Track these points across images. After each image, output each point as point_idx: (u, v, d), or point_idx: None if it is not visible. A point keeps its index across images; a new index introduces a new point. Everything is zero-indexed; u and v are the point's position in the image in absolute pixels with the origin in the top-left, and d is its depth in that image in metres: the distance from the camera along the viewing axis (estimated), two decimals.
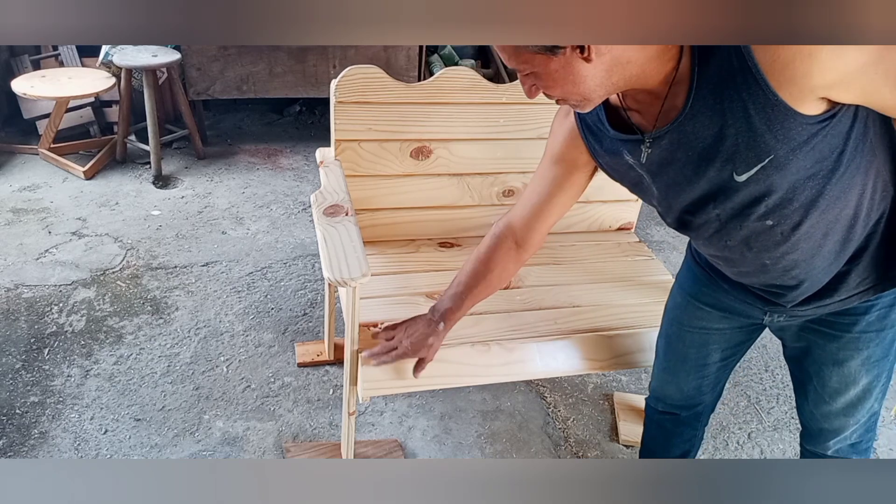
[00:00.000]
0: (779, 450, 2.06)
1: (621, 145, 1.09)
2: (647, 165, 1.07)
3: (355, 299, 1.41)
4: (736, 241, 1.09)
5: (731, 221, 1.06)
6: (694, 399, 1.49)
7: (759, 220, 1.03)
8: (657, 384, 1.53)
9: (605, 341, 1.64)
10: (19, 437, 1.87)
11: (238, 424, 1.97)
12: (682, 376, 1.45)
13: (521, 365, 1.59)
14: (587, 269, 1.92)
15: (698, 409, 1.53)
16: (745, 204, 1.01)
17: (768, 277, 1.13)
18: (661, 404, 1.55)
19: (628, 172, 1.14)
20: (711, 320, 1.34)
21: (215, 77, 3.43)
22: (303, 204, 3.16)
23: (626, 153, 1.10)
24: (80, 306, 2.38)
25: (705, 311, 1.33)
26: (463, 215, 2.00)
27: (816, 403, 1.29)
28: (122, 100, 3.31)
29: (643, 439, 1.68)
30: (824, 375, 1.24)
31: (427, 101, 1.85)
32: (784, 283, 1.13)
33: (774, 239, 1.05)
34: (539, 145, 1.98)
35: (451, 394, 2.12)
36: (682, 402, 1.51)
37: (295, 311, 2.44)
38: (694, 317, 1.36)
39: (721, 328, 1.34)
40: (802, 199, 0.98)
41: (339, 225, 1.48)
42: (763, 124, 0.90)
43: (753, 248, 1.08)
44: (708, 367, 1.41)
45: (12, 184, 3.15)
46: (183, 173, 3.38)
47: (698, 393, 1.47)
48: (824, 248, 1.06)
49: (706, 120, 0.95)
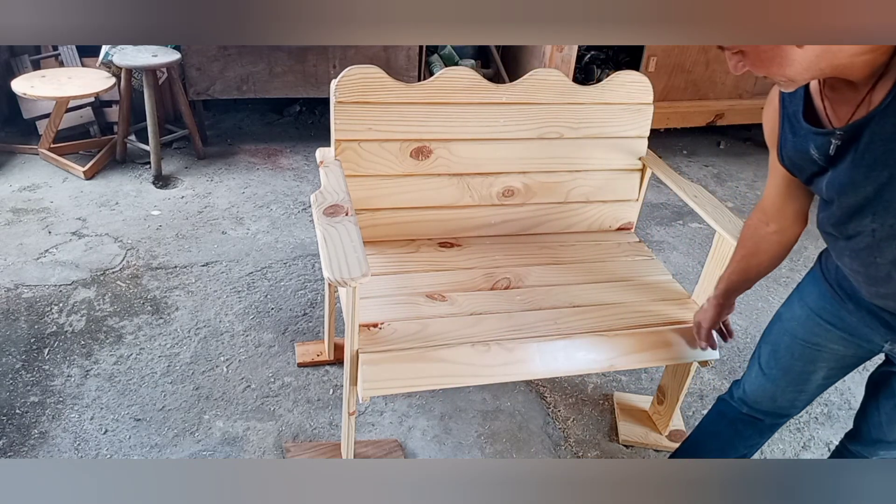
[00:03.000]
0: (779, 450, 2.06)
1: (811, 139, 1.08)
2: (828, 161, 1.06)
3: (355, 299, 1.41)
4: (886, 260, 1.06)
5: (886, 239, 1.04)
6: (785, 410, 1.46)
7: None
8: (751, 388, 1.49)
9: (605, 341, 1.64)
10: (19, 437, 1.87)
11: (238, 424, 1.97)
12: (780, 386, 1.42)
13: (521, 365, 1.59)
14: (587, 269, 1.92)
15: (781, 420, 1.51)
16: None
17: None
18: (746, 407, 1.51)
19: (808, 167, 1.12)
20: (829, 339, 1.30)
21: (215, 77, 3.43)
22: (303, 204, 3.16)
23: (812, 147, 1.08)
24: (80, 306, 2.38)
25: (825, 329, 1.30)
26: (463, 215, 2.00)
27: (890, 419, 1.29)
28: (122, 100, 3.31)
29: (698, 433, 1.65)
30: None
31: (427, 101, 1.85)
32: None
33: None
34: (539, 145, 1.99)
35: (451, 394, 2.12)
36: (772, 410, 1.47)
37: (295, 311, 2.44)
38: (812, 332, 1.33)
39: (835, 349, 1.31)
40: None
41: (339, 225, 1.48)
42: None
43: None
44: (810, 383, 1.38)
45: (12, 184, 3.15)
46: (183, 173, 3.38)
47: (791, 406, 1.45)
48: None
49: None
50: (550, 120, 1.95)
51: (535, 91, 1.91)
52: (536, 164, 1.99)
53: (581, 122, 1.97)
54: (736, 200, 3.59)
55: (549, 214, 2.06)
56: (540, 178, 2.01)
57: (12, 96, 3.33)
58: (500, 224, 2.04)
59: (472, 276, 1.84)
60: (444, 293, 1.75)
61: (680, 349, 1.70)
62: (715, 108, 3.98)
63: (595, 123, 1.98)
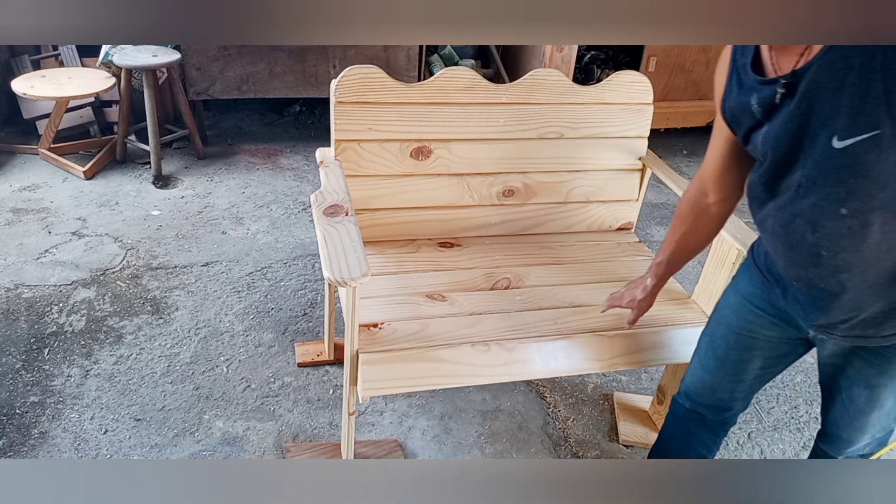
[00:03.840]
0: (779, 450, 2.06)
1: (755, 90, 1.09)
2: (766, 114, 1.07)
3: (355, 299, 1.41)
4: (804, 220, 1.06)
5: (808, 195, 1.04)
6: (724, 403, 1.47)
7: (835, 203, 1.01)
8: (690, 381, 1.51)
9: (605, 341, 1.64)
10: (19, 437, 1.87)
11: (238, 424, 1.97)
12: (718, 377, 1.43)
13: (521, 365, 1.59)
14: (587, 269, 1.92)
15: (726, 415, 1.51)
16: (831, 179, 1.00)
17: (816, 274, 1.10)
18: (689, 402, 1.52)
19: (747, 120, 1.13)
20: (761, 325, 1.31)
21: (215, 77, 3.43)
22: (303, 204, 3.16)
23: (754, 99, 1.09)
24: (80, 306, 2.38)
25: (756, 315, 1.31)
26: (463, 215, 2.00)
27: (841, 415, 1.30)
28: (122, 100, 3.31)
29: (661, 436, 1.66)
30: (854, 394, 1.25)
31: (427, 101, 1.85)
32: (828, 286, 1.10)
33: (841, 230, 1.02)
34: (539, 145, 1.99)
35: (451, 394, 2.12)
36: (712, 403, 1.48)
37: (295, 311, 2.44)
38: (744, 319, 1.34)
39: (768, 336, 1.32)
40: (885, 197, 0.97)
41: (339, 225, 1.48)
42: (883, 93, 0.89)
43: (818, 231, 1.05)
44: (746, 373, 1.39)
45: (12, 184, 3.15)
46: (183, 173, 3.38)
47: (730, 398, 1.45)
48: (883, 262, 1.04)
49: (833, 72, 0.94)
50: (550, 120, 1.95)
51: (535, 91, 1.91)
52: (536, 164, 1.99)
53: (581, 122, 1.97)
54: None
55: (549, 214, 2.06)
56: (540, 178, 2.01)
57: (12, 96, 3.33)
58: (500, 224, 2.04)
59: (472, 276, 1.84)
60: (444, 293, 1.75)
61: (680, 349, 1.70)
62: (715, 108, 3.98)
63: (595, 123, 1.98)
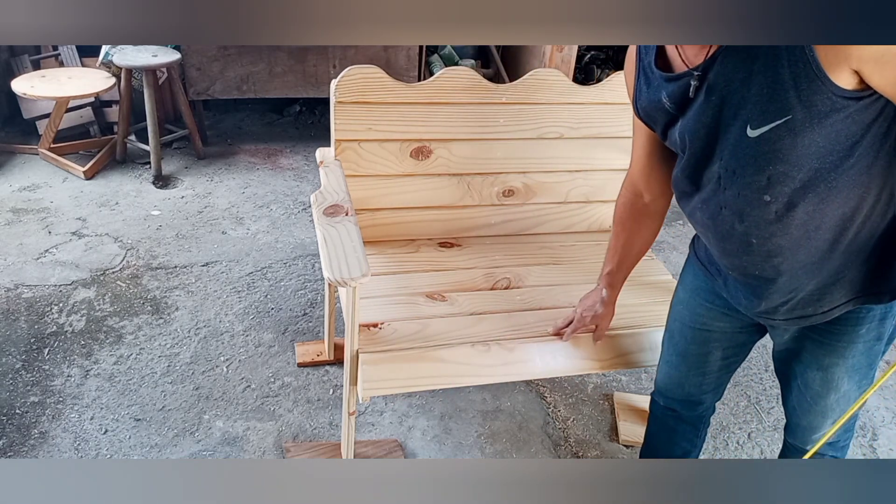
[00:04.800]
0: (778, 450, 2.05)
1: (664, 87, 1.10)
2: (679, 108, 1.08)
3: (355, 299, 1.41)
4: (730, 211, 1.08)
5: (731, 186, 1.05)
6: (695, 397, 1.49)
7: (758, 192, 1.02)
8: (660, 378, 1.54)
9: (605, 341, 1.64)
10: (19, 437, 1.87)
11: (238, 424, 1.97)
12: (683, 372, 1.46)
13: (521, 365, 1.59)
14: (587, 269, 1.92)
15: (700, 409, 1.54)
16: (750, 168, 1.01)
17: (750, 261, 1.12)
18: (662, 398, 1.56)
19: (661, 117, 1.14)
20: (712, 318, 1.34)
21: (215, 77, 3.43)
22: (303, 204, 3.16)
23: (664, 96, 1.10)
24: (80, 306, 2.38)
25: (706, 308, 1.34)
26: (463, 215, 2.00)
27: (798, 401, 1.31)
28: (122, 100, 3.31)
29: (646, 436, 1.69)
30: (808, 378, 1.26)
31: (427, 101, 1.85)
32: (763, 272, 1.12)
33: (767, 217, 1.04)
34: (539, 145, 1.99)
35: (451, 394, 2.12)
36: (683, 398, 1.51)
37: (295, 311, 2.44)
38: (695, 314, 1.37)
39: (721, 327, 1.34)
40: (805, 178, 0.98)
41: (339, 225, 1.48)
42: (790, 78, 0.91)
43: (745, 220, 1.07)
44: (709, 364, 1.41)
45: (12, 184, 3.15)
46: (183, 173, 3.38)
47: (699, 391, 1.48)
48: (812, 241, 1.05)
49: (739, 61, 0.96)
50: (550, 120, 1.95)
51: (535, 91, 1.91)
52: (536, 164, 1.99)
53: (581, 122, 1.97)
54: None
55: (549, 214, 2.06)
56: (540, 178, 2.01)
57: (12, 96, 3.33)
58: (500, 224, 2.04)
59: (472, 276, 1.84)
60: (444, 293, 1.75)
61: None
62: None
63: (595, 123, 1.98)
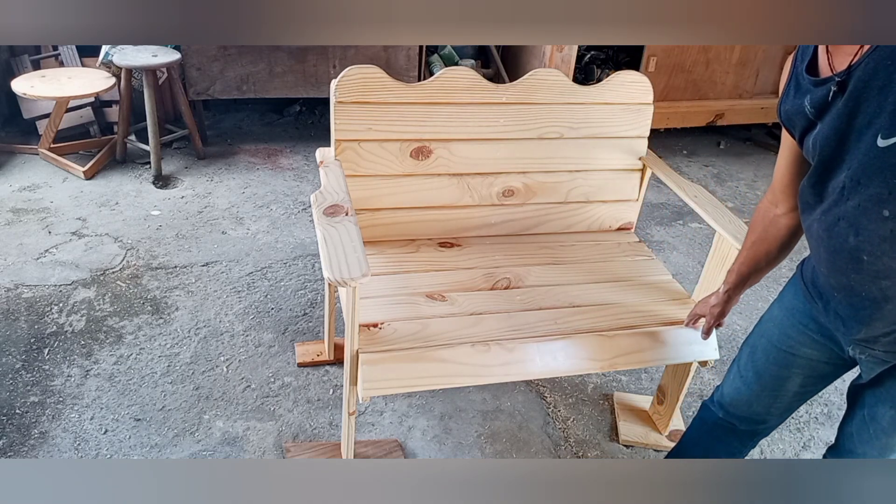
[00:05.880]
0: (779, 450, 2.06)
1: (809, 92, 1.09)
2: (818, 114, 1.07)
3: (355, 299, 1.41)
4: (846, 223, 1.06)
5: (852, 196, 1.04)
6: (759, 416, 1.45)
7: (878, 204, 1.00)
8: (728, 391, 1.49)
9: (605, 341, 1.64)
10: (19, 437, 1.87)
11: (238, 424, 1.97)
12: (755, 391, 1.41)
13: (521, 365, 1.59)
14: (587, 269, 1.92)
15: (759, 427, 1.49)
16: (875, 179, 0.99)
17: (858, 280, 1.10)
18: (722, 411, 1.51)
19: (800, 122, 1.13)
20: (802, 342, 1.30)
21: (215, 77, 3.43)
22: (303, 204, 3.16)
23: (807, 101, 1.09)
24: (80, 306, 2.38)
25: (798, 330, 1.30)
26: (463, 215, 2.00)
27: (859, 430, 1.28)
28: (122, 100, 3.31)
29: (684, 440, 1.65)
30: (878, 412, 1.23)
31: (427, 101, 1.85)
32: (869, 293, 1.09)
33: (882, 233, 1.02)
34: (539, 145, 1.99)
35: (451, 394, 2.12)
36: (746, 415, 1.47)
37: (295, 311, 2.44)
38: (785, 334, 1.33)
39: (809, 353, 1.31)
40: None
41: (339, 225, 1.48)
42: None
43: (860, 234, 1.05)
44: (785, 389, 1.38)
45: (12, 184, 3.15)
46: (183, 173, 3.38)
47: (766, 413, 1.44)
48: None
49: (882, 68, 0.94)
50: (550, 120, 1.95)
51: (535, 91, 1.91)
52: (536, 164, 1.99)
53: (581, 122, 1.97)
54: (736, 200, 3.59)
55: (549, 214, 2.06)
56: (540, 178, 2.01)
57: (12, 96, 3.33)
58: (500, 224, 2.04)
59: (472, 276, 1.84)
60: (444, 293, 1.75)
61: (680, 349, 1.70)
62: (715, 108, 3.98)
63: (595, 123, 1.98)
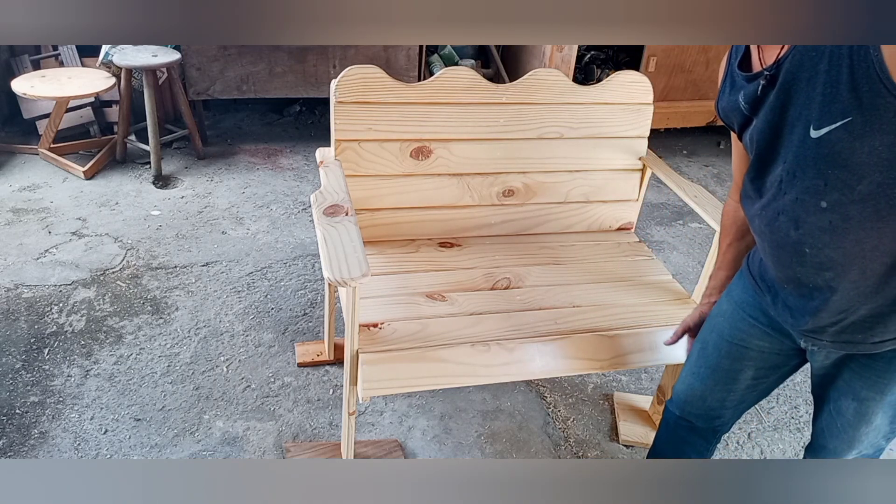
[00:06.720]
0: (779, 450, 2.06)
1: (742, 88, 1.10)
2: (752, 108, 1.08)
3: (355, 299, 1.41)
4: (787, 217, 1.07)
5: (790, 189, 1.04)
6: (714, 412, 1.46)
7: (815, 196, 1.01)
8: (681, 388, 1.49)
9: (605, 341, 1.64)
10: (19, 437, 1.87)
11: (238, 424, 1.97)
12: (708, 386, 1.42)
13: (521, 365, 1.59)
14: (587, 269, 1.92)
15: (716, 423, 1.49)
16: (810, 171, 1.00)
17: (802, 272, 1.10)
18: (679, 409, 1.51)
19: (737, 118, 1.15)
20: (752, 335, 1.30)
21: (215, 77, 3.43)
22: (303, 204, 3.16)
23: (741, 97, 1.11)
24: (80, 306, 2.38)
25: (748, 324, 1.30)
26: (463, 215, 2.00)
27: (828, 425, 1.29)
28: (122, 100, 3.31)
29: (654, 442, 1.66)
30: (842, 405, 1.24)
31: (427, 101, 1.85)
32: (815, 284, 1.09)
33: (822, 224, 1.02)
34: (539, 145, 1.99)
35: (451, 394, 2.12)
36: (702, 411, 1.47)
37: (295, 311, 2.44)
38: (735, 328, 1.33)
39: (760, 346, 1.31)
40: (865, 191, 0.96)
41: (339, 225, 1.48)
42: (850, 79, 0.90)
43: (800, 227, 1.05)
44: (737, 382, 1.38)
45: (12, 184, 3.15)
46: (183, 173, 3.38)
47: (721, 407, 1.44)
48: (868, 261, 1.02)
49: (807, 60, 0.96)
50: (550, 120, 1.95)
51: (535, 91, 1.91)
52: (536, 164, 1.99)
53: (581, 122, 1.97)
54: None
55: (549, 214, 2.06)
56: (540, 178, 2.01)
57: (12, 96, 3.33)
58: (500, 224, 2.04)
59: (472, 276, 1.84)
60: (444, 293, 1.75)
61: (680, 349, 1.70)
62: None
63: (595, 123, 1.98)
